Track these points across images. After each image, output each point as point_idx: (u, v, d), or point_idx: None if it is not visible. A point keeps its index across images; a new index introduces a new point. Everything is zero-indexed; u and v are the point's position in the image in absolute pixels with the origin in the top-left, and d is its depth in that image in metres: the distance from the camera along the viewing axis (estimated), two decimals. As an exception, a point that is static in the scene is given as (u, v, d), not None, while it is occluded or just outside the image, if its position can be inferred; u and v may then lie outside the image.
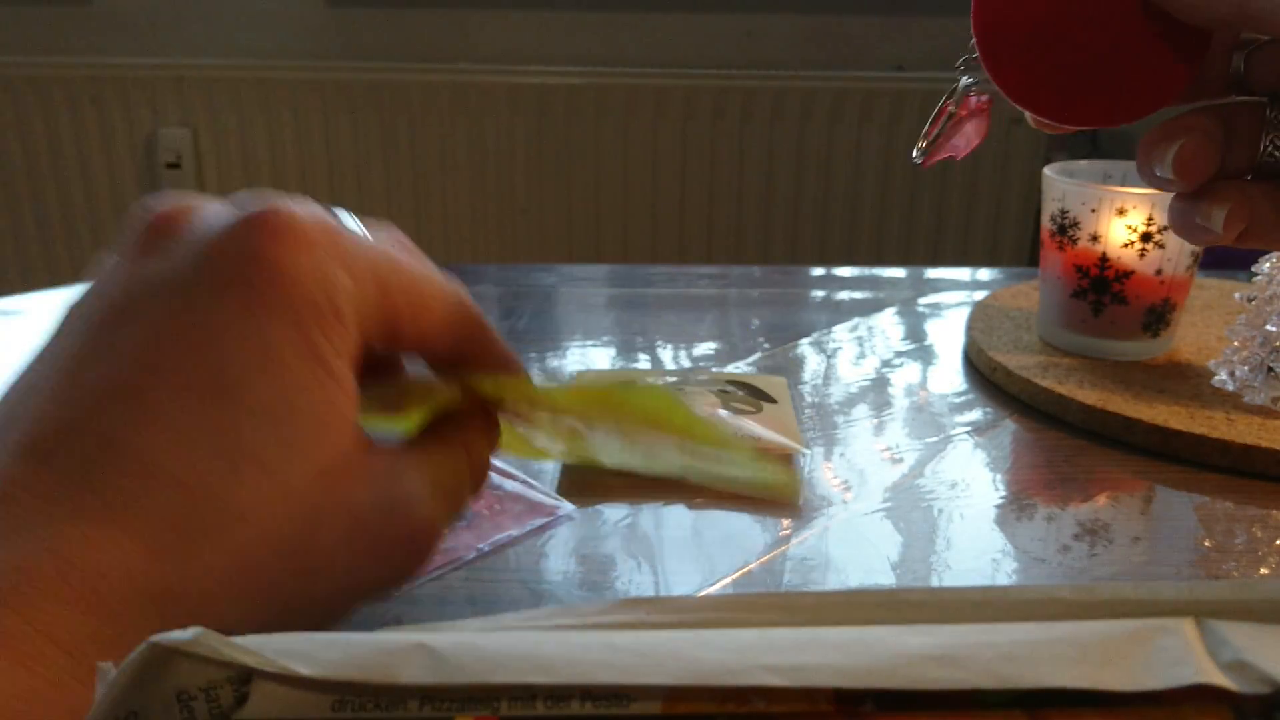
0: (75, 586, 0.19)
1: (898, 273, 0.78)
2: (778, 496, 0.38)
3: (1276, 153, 0.29)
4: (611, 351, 0.62)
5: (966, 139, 0.34)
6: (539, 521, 0.41)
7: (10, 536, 0.20)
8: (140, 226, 0.24)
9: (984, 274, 0.79)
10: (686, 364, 0.60)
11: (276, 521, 0.21)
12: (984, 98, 0.33)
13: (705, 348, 0.62)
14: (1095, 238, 0.55)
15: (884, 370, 0.59)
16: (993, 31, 0.29)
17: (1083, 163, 0.59)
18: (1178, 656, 0.15)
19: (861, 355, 0.61)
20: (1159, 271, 0.55)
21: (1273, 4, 0.25)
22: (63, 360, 0.22)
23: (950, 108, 0.33)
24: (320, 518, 0.22)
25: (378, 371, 0.28)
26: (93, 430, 0.20)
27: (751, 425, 0.48)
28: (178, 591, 0.20)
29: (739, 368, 0.59)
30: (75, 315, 0.24)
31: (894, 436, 0.50)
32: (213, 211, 0.24)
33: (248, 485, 0.21)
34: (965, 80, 0.32)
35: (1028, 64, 0.29)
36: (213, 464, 0.21)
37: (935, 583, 0.39)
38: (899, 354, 0.61)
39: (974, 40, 0.30)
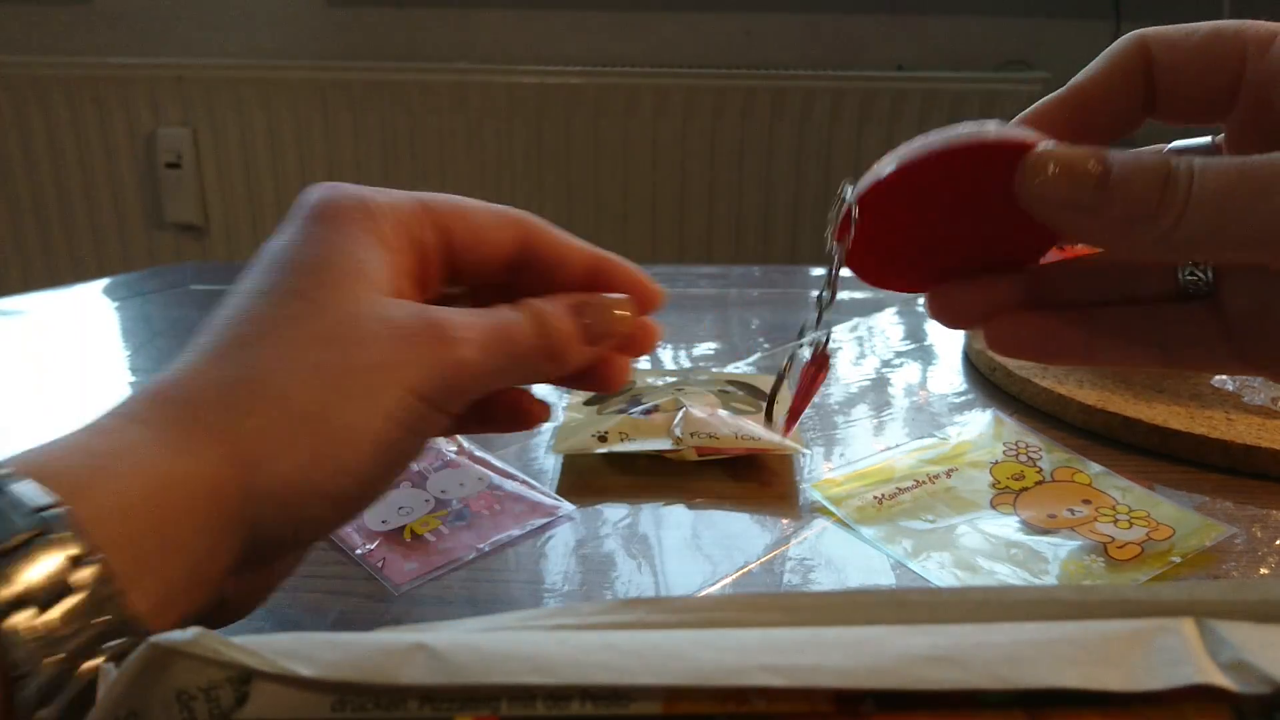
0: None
1: (898, 273, 0.78)
2: None
3: (1196, 271, 0.29)
4: (611, 351, 0.62)
5: (815, 390, 0.35)
6: (539, 522, 0.41)
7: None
8: None
9: (984, 274, 0.78)
10: (686, 364, 0.59)
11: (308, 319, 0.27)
12: (828, 346, 0.34)
13: (705, 348, 0.62)
14: (1095, 238, 0.55)
15: (884, 370, 0.59)
16: (876, 272, 0.32)
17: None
18: (1178, 656, 0.15)
19: (861, 355, 0.61)
20: (1159, 271, 0.54)
21: (1202, 235, 0.24)
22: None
23: (812, 369, 0.34)
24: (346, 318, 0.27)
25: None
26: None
27: (752, 425, 0.48)
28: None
29: (739, 368, 0.59)
30: None
31: (894, 436, 0.50)
32: None
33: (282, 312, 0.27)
34: (817, 335, 0.33)
35: (914, 278, 0.32)
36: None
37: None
38: (899, 354, 0.61)
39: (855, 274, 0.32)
